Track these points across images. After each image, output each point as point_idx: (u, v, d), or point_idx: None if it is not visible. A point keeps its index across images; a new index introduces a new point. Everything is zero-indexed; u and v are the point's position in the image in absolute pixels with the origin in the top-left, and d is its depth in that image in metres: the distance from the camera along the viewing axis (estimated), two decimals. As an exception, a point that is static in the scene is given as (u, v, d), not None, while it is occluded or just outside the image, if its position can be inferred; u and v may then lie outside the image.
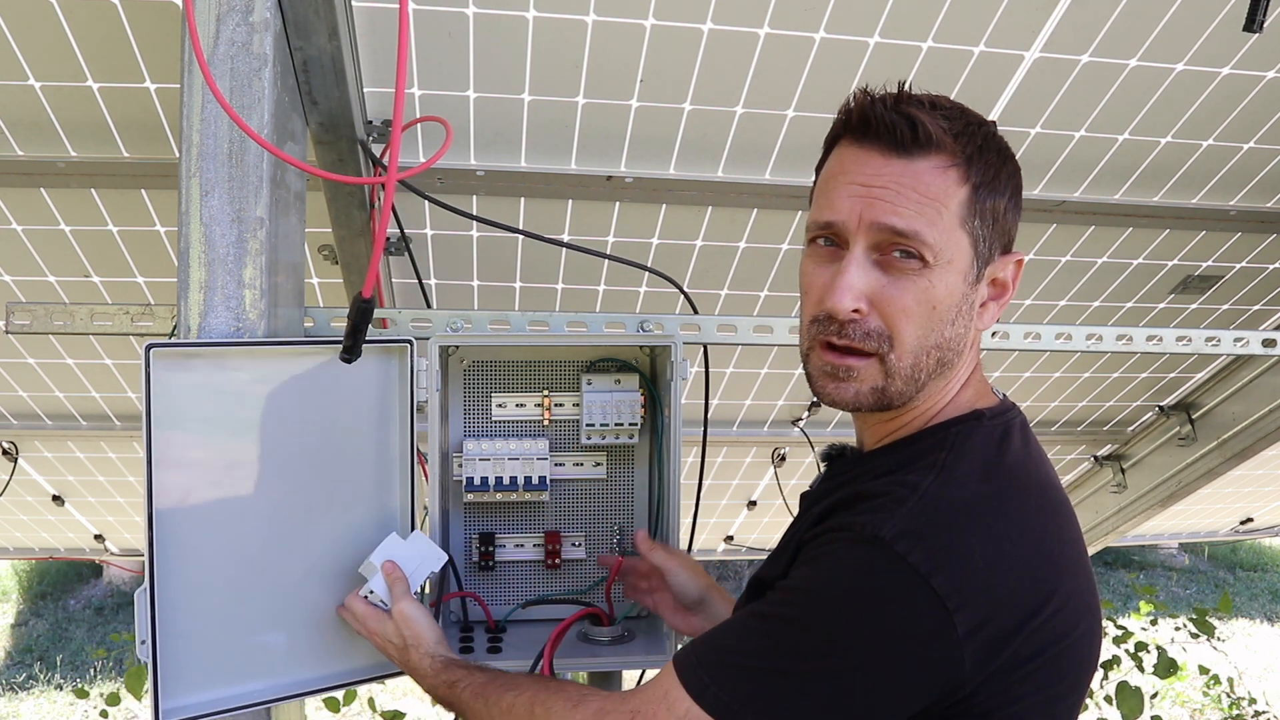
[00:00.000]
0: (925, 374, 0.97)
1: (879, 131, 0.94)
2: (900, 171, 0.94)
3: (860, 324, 0.95)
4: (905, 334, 0.95)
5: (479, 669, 1.12)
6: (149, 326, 1.42)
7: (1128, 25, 1.58)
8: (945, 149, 0.94)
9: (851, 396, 0.98)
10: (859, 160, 0.96)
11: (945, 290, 0.95)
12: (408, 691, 5.73)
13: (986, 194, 0.96)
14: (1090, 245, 2.13)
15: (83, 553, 3.29)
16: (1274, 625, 7.40)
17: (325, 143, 1.44)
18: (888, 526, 0.87)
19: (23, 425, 2.50)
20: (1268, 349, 1.90)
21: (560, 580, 1.46)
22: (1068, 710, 0.96)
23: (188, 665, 1.16)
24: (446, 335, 1.40)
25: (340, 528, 1.27)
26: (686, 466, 2.35)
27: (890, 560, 0.86)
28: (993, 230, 0.97)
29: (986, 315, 1.01)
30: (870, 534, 0.88)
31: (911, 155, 0.94)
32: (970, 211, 0.95)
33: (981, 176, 0.95)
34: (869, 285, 0.94)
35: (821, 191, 1.00)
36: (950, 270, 0.95)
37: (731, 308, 2.18)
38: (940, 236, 0.93)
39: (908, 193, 0.93)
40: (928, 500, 0.90)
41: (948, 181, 0.94)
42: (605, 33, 1.53)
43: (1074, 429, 2.90)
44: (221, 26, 1.14)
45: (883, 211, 0.93)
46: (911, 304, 0.94)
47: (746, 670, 0.90)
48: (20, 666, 6.12)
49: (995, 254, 0.99)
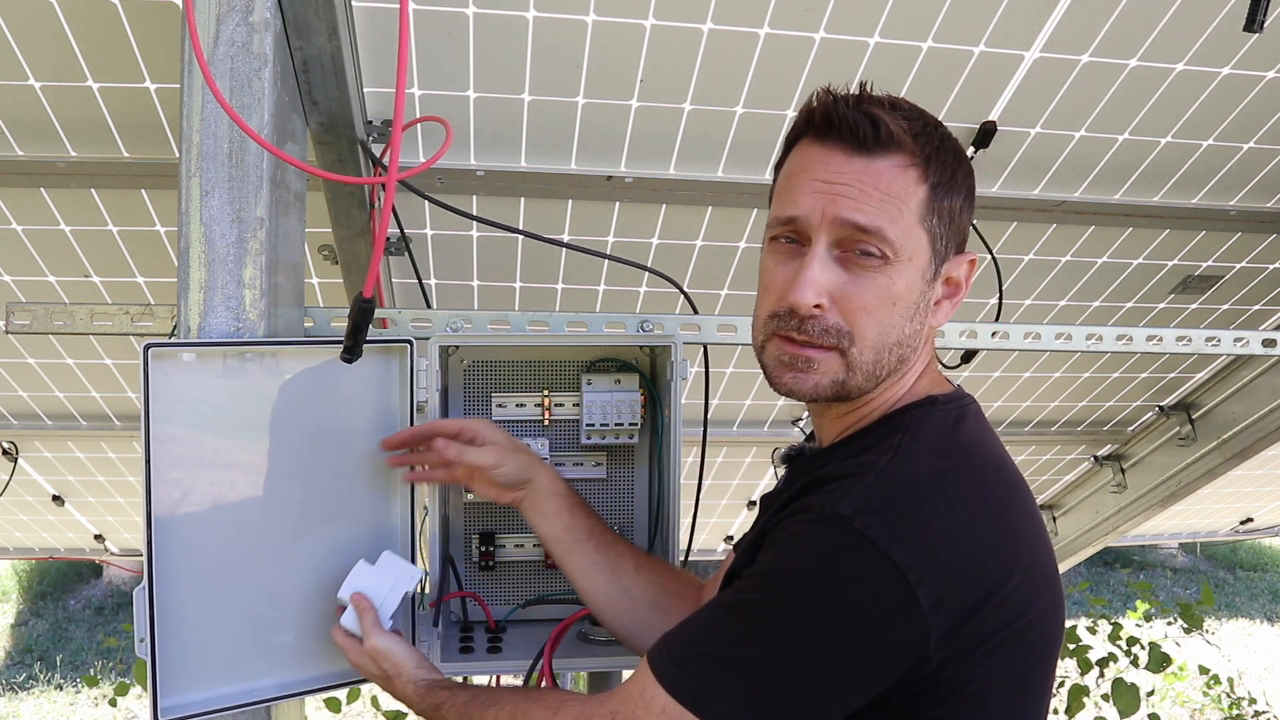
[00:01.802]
0: (885, 369, 0.99)
1: (841, 130, 0.96)
2: (862, 169, 0.96)
3: (820, 320, 0.96)
4: (866, 330, 0.97)
5: (461, 688, 1.12)
6: (149, 326, 1.42)
7: (1128, 25, 1.58)
8: (905, 148, 0.96)
9: (811, 387, 0.99)
10: (821, 158, 0.98)
11: (905, 286, 0.97)
12: (408, 691, 5.72)
13: (944, 193, 0.98)
14: (1090, 245, 2.13)
15: (83, 553, 3.29)
16: (1274, 625, 7.40)
17: (325, 143, 1.44)
18: (846, 503, 0.89)
19: (23, 425, 2.50)
20: (1268, 349, 1.90)
21: (560, 580, 1.46)
22: (1039, 683, 0.98)
23: (187, 663, 1.16)
24: (446, 335, 1.40)
25: (340, 527, 1.27)
26: (686, 466, 2.35)
27: (850, 536, 0.87)
28: (949, 229, 1.00)
29: (940, 313, 1.04)
30: (829, 511, 0.89)
31: (873, 154, 0.96)
32: (929, 210, 0.97)
33: (939, 176, 0.98)
34: (830, 281, 0.96)
35: (783, 189, 1.02)
36: (910, 267, 0.97)
37: (731, 308, 2.18)
38: (901, 233, 0.95)
39: (870, 190, 0.95)
40: (885, 477, 0.92)
41: (908, 180, 0.96)
42: (605, 33, 1.53)
43: (1074, 429, 2.90)
44: (221, 26, 1.14)
45: (846, 208, 0.95)
46: (872, 300, 0.96)
47: (717, 660, 0.91)
48: (20, 666, 6.12)
49: (950, 253, 1.02)
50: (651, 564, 1.30)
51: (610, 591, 1.26)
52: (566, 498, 1.27)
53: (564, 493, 1.27)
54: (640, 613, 1.26)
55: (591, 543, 1.26)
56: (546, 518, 1.26)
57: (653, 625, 1.26)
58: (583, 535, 1.26)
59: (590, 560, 1.25)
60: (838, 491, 0.91)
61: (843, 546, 0.88)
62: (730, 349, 2.37)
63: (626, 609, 1.26)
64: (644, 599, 1.27)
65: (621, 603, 1.26)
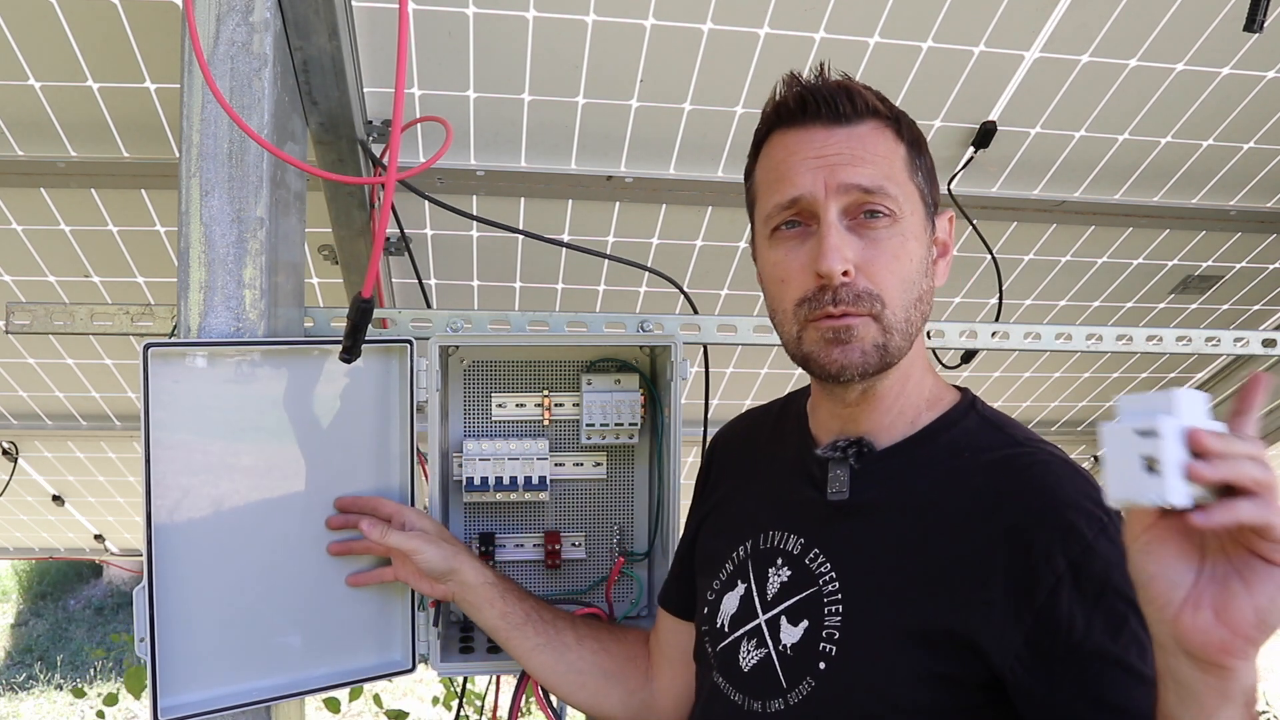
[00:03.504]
0: (915, 327, 0.99)
1: (818, 108, 0.98)
2: (847, 136, 0.97)
3: (851, 286, 0.95)
4: (892, 290, 0.96)
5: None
6: (149, 326, 1.42)
7: (1128, 25, 1.58)
8: (879, 113, 0.99)
9: (859, 358, 0.96)
10: (804, 139, 0.98)
11: (915, 241, 0.98)
12: (408, 691, 5.74)
13: (917, 152, 1.01)
14: (1090, 245, 2.13)
15: (83, 553, 3.29)
16: (1274, 625, 7.39)
17: (325, 143, 1.44)
18: (1100, 504, 0.90)
19: (23, 425, 2.50)
20: (1268, 349, 1.90)
21: (560, 580, 1.46)
22: None
23: (187, 663, 1.16)
24: (446, 335, 1.40)
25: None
26: (686, 466, 2.35)
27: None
28: (930, 186, 1.02)
29: (939, 273, 1.04)
30: (1103, 519, 0.89)
31: (852, 122, 0.97)
32: (913, 167, 1.00)
33: (910, 134, 1.01)
34: (851, 248, 0.95)
35: (770, 179, 1.01)
36: (913, 222, 0.98)
37: (731, 308, 2.18)
38: (899, 190, 0.97)
39: (860, 153, 0.96)
40: (1072, 464, 0.98)
41: (888, 139, 0.99)
42: (605, 33, 1.53)
43: (1074, 429, 2.90)
44: (221, 26, 1.14)
45: (846, 174, 0.95)
46: (891, 260, 0.96)
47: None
48: (20, 666, 6.12)
49: (934, 211, 1.03)
50: (594, 631, 1.30)
51: (557, 669, 1.26)
52: (495, 585, 1.25)
53: (492, 581, 1.25)
54: (590, 684, 1.26)
55: (530, 626, 1.25)
56: (480, 609, 1.25)
57: (606, 693, 1.27)
58: (519, 620, 1.25)
59: (532, 643, 1.25)
60: (1082, 490, 0.92)
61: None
62: (730, 349, 2.37)
63: (577, 683, 1.26)
64: (591, 670, 1.26)
65: (570, 678, 1.26)
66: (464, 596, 1.25)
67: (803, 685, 0.98)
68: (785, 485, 1.11)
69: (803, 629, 1.00)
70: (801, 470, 1.09)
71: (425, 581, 1.25)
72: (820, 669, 0.97)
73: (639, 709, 1.27)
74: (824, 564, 1.02)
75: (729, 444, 1.28)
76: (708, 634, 1.14)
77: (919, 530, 0.97)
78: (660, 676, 1.28)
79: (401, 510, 1.26)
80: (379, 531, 1.21)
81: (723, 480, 1.24)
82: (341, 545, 1.26)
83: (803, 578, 1.03)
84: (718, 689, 1.09)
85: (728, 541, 1.14)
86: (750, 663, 1.05)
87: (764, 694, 1.02)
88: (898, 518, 0.99)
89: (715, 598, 1.13)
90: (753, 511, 1.14)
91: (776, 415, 1.22)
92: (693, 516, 1.27)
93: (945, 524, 0.95)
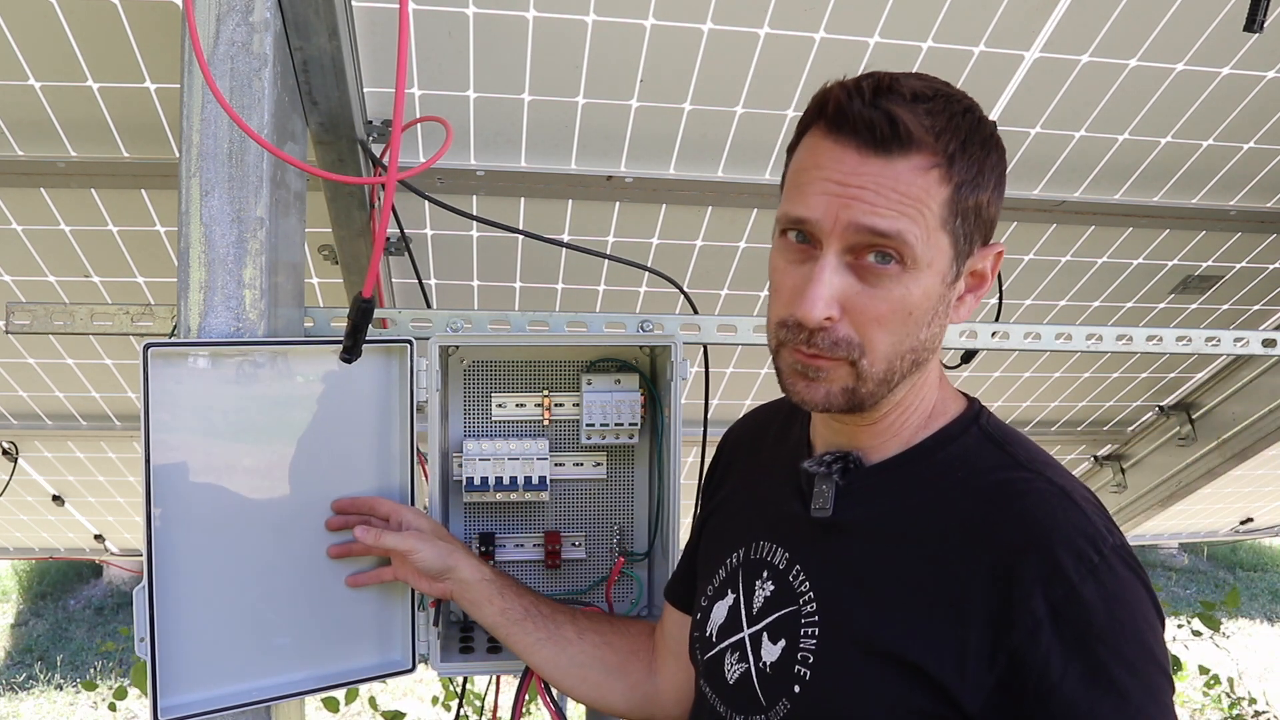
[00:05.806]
0: (899, 376, 0.94)
1: (856, 127, 0.87)
2: (879, 172, 0.87)
3: (829, 333, 0.90)
4: (878, 342, 0.91)
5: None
6: (149, 326, 1.42)
7: (1128, 25, 1.58)
8: (926, 148, 0.87)
9: (822, 397, 0.93)
10: (834, 156, 0.89)
11: (921, 294, 0.90)
12: (408, 691, 5.74)
13: (969, 191, 0.90)
14: (1090, 245, 2.13)
15: (83, 553, 3.29)
16: (1274, 625, 7.40)
17: (325, 143, 1.44)
18: (1109, 538, 0.87)
19: (23, 425, 2.50)
20: (1268, 349, 1.90)
21: (560, 580, 1.46)
22: None
23: (186, 663, 1.16)
24: (446, 335, 1.40)
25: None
26: (686, 466, 2.35)
27: (1140, 575, 0.88)
28: (974, 225, 0.93)
29: (963, 309, 0.97)
30: (1094, 559, 0.86)
31: (890, 154, 0.87)
32: (952, 212, 0.90)
33: (964, 174, 0.90)
34: (841, 290, 0.89)
35: (794, 183, 0.93)
36: (929, 274, 0.90)
37: (731, 308, 2.18)
38: (921, 238, 0.88)
39: (887, 193, 0.87)
40: (1080, 494, 0.92)
41: (929, 182, 0.88)
42: (605, 33, 1.53)
43: (1074, 429, 2.90)
44: (221, 26, 1.14)
45: (861, 213, 0.87)
46: (886, 312, 0.89)
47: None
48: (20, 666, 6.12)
49: (975, 248, 0.94)
50: (595, 625, 1.29)
51: (559, 663, 1.25)
52: (493, 582, 1.25)
53: (490, 578, 1.25)
54: (593, 677, 1.26)
55: (530, 621, 1.25)
56: (479, 606, 1.24)
57: (609, 686, 1.27)
58: (519, 616, 1.24)
59: (532, 639, 1.24)
60: (1088, 524, 0.88)
61: (1142, 583, 0.87)
62: (730, 349, 2.37)
63: (579, 677, 1.26)
64: (593, 663, 1.26)
65: (573, 672, 1.26)
66: (462, 594, 1.25)
67: (779, 706, 0.98)
68: (777, 495, 1.09)
69: (780, 648, 0.99)
70: (792, 481, 1.07)
71: (424, 580, 1.25)
72: (795, 692, 0.96)
73: (642, 702, 1.27)
74: (804, 583, 1.00)
75: (739, 442, 1.27)
76: (697, 640, 1.13)
77: (899, 556, 0.94)
78: (664, 669, 1.28)
79: (398, 510, 1.26)
80: (373, 536, 1.21)
81: (727, 479, 1.24)
82: (340, 548, 1.26)
83: (784, 594, 1.01)
84: (704, 697, 1.10)
85: (723, 547, 1.14)
86: (733, 676, 1.04)
87: (745, 709, 1.02)
88: (880, 540, 0.96)
89: (708, 604, 1.13)
90: (749, 518, 1.13)
91: (786, 415, 1.20)
92: (700, 511, 1.27)
93: (927, 551, 0.92)
